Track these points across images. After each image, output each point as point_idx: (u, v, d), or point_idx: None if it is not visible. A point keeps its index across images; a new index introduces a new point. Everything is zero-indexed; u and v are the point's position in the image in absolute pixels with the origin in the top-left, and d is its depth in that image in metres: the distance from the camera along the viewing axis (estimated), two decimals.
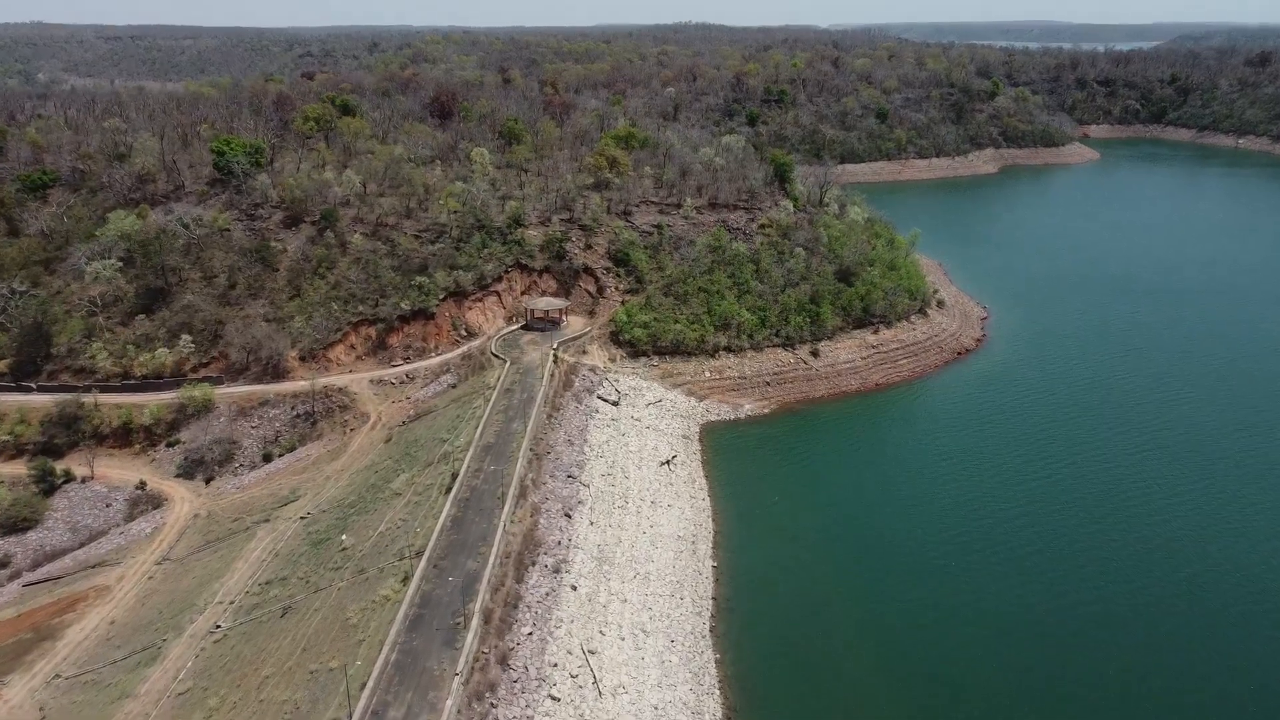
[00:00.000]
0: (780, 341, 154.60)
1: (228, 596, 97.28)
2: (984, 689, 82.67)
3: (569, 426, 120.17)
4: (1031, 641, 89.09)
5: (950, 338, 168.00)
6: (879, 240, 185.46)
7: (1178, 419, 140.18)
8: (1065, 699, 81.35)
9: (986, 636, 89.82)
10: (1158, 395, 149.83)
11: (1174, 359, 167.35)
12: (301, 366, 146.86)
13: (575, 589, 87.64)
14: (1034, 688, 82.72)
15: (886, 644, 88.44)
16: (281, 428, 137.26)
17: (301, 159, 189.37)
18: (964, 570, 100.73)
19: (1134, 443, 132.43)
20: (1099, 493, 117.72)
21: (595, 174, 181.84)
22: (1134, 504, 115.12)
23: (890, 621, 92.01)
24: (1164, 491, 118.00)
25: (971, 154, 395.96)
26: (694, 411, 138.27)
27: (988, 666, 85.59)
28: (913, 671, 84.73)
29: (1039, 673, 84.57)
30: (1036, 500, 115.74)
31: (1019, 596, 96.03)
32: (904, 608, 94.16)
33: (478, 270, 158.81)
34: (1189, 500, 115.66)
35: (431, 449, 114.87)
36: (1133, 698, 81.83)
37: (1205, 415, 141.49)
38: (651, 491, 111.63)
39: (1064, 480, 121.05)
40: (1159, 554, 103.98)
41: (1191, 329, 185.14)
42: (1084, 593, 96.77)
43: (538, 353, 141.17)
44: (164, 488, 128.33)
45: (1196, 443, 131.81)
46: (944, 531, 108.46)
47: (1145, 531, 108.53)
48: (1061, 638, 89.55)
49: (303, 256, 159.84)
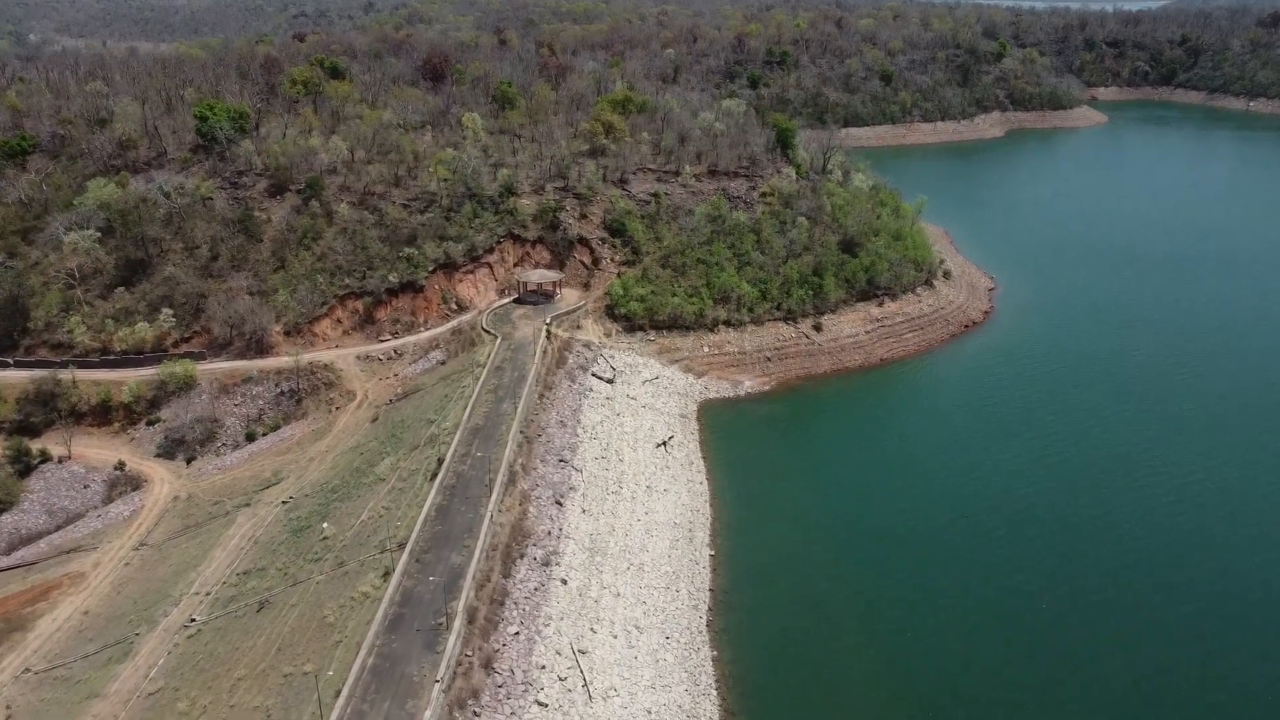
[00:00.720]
0: (781, 315, 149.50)
1: (204, 587, 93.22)
2: (994, 687, 78.75)
3: (562, 407, 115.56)
4: (1042, 631, 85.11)
5: (957, 310, 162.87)
6: (884, 209, 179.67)
7: (1193, 396, 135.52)
8: (1077, 696, 77.44)
9: (996, 628, 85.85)
10: (1171, 370, 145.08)
11: (1187, 331, 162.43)
12: (286, 341, 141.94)
13: (565, 583, 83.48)
14: (1044, 681, 78.81)
15: (892, 639, 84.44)
16: (265, 406, 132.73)
17: (288, 125, 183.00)
18: (972, 557, 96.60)
19: (1147, 420, 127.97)
20: (1111, 474, 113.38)
21: (591, 140, 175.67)
22: (1148, 486, 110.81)
23: (895, 614, 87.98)
24: (1179, 473, 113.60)
25: (977, 117, 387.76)
26: (692, 389, 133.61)
27: (997, 662, 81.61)
28: (919, 667, 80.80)
29: (1050, 666, 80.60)
30: (1046, 481, 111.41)
31: (1028, 583, 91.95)
32: (910, 599, 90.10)
33: (468, 241, 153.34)
34: (1205, 483, 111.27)
35: (418, 431, 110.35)
36: (1146, 692, 77.90)
37: (1221, 392, 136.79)
38: (647, 475, 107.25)
39: (1075, 460, 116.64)
40: (1175, 539, 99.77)
41: (1204, 299, 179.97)
42: (1096, 580, 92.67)
43: (530, 328, 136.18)
44: (143, 468, 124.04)
45: (1212, 421, 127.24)
46: (951, 515, 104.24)
47: (1160, 515, 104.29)
48: (1073, 628, 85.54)
49: (287, 227, 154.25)
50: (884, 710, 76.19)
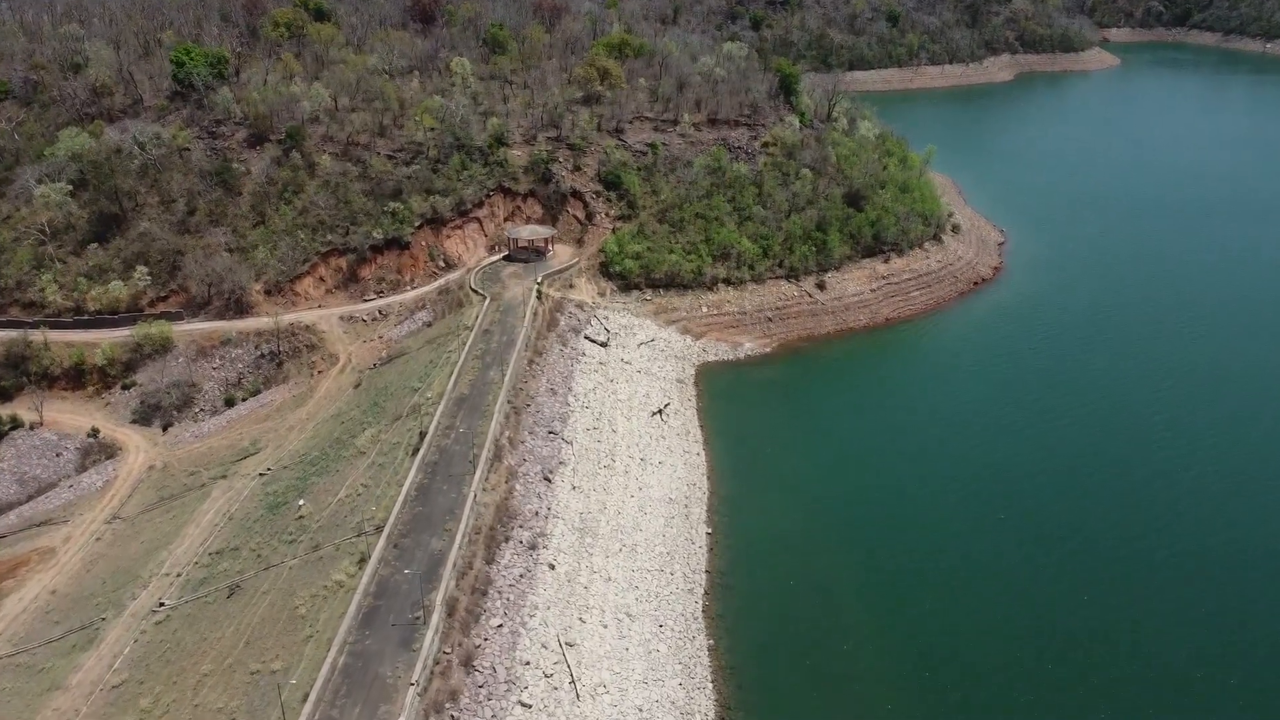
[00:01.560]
0: (784, 273, 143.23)
1: (175, 567, 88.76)
2: (1008, 676, 74.38)
3: (552, 373, 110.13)
4: (1058, 615, 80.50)
5: (966, 267, 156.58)
6: (891, 159, 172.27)
7: (1211, 355, 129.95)
8: (1098, 688, 73.17)
9: (1009, 611, 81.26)
10: (1188, 328, 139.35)
11: (1203, 286, 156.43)
12: (267, 301, 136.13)
13: (553, 568, 78.81)
14: (1060, 672, 74.49)
15: (899, 625, 79.92)
16: (245, 369, 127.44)
17: (268, 70, 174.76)
18: (983, 533, 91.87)
19: (1163, 382, 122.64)
20: (1130, 443, 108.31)
21: (585, 87, 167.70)
22: (1165, 452, 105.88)
23: (903, 596, 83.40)
24: (1202, 442, 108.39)
25: (987, 60, 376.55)
26: (689, 352, 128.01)
27: (1010, 649, 77.16)
28: (927, 654, 76.32)
29: (1065, 653, 76.23)
30: (1060, 451, 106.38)
31: (1042, 560, 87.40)
32: (918, 579, 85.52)
33: (456, 195, 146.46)
34: (1231, 452, 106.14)
35: (401, 399, 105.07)
36: (1167, 677, 73.61)
37: (1240, 350, 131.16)
38: (641, 447, 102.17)
39: (1090, 428, 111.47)
40: (1199, 514, 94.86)
41: (1220, 252, 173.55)
42: (1114, 560, 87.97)
43: (520, 287, 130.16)
44: (118, 435, 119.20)
45: (1234, 383, 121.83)
46: (961, 488, 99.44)
47: (1183, 488, 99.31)
48: (1090, 610, 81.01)
49: (267, 179, 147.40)
50: (891, 704, 71.88)
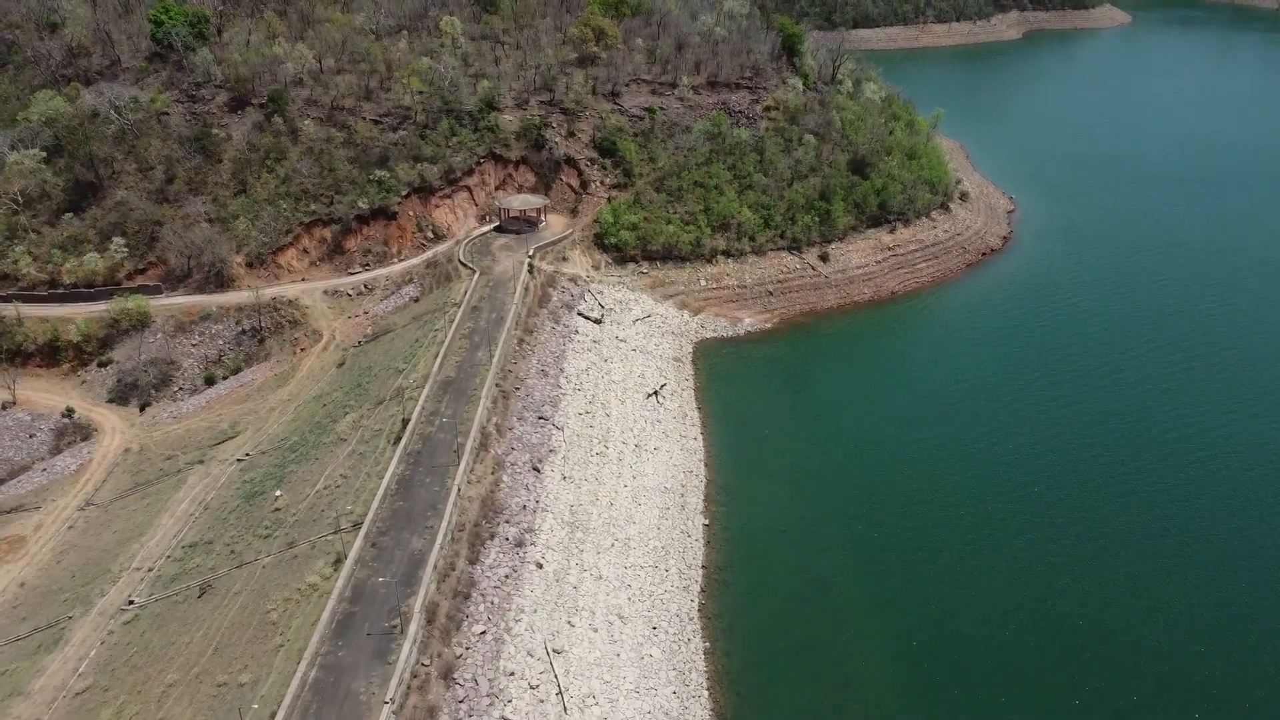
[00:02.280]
0: (785, 244, 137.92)
1: (147, 560, 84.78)
2: (1018, 683, 70.66)
3: (543, 353, 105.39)
4: (1068, 614, 76.73)
5: (975, 236, 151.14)
6: (897, 123, 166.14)
7: (1229, 332, 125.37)
8: (1102, 690, 69.44)
9: (1019, 610, 77.42)
10: (1204, 302, 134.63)
11: (1218, 257, 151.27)
12: (248, 274, 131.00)
13: (541, 566, 74.72)
14: (1065, 666, 70.72)
15: (905, 625, 76.09)
16: (225, 345, 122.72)
17: (251, 30, 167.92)
18: (992, 524, 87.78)
19: (1179, 362, 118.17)
20: (1142, 426, 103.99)
21: (580, 47, 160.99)
22: (1180, 438, 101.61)
23: (909, 592, 79.55)
24: (1217, 427, 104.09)
25: (995, 17, 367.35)
26: (687, 328, 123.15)
27: (1021, 653, 73.39)
28: (934, 655, 72.64)
29: (1070, 648, 72.43)
30: (1072, 435, 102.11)
31: (1053, 555, 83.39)
32: (921, 573, 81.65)
33: (445, 162, 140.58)
34: (1249, 440, 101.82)
35: (385, 381, 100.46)
36: (1177, 685, 69.91)
37: (1263, 327, 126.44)
38: (636, 432, 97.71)
39: (1101, 411, 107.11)
40: (1210, 502, 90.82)
41: (1235, 222, 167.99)
42: (1124, 554, 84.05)
43: (511, 260, 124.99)
44: (94, 415, 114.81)
45: (1252, 363, 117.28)
46: (968, 473, 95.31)
47: (1195, 477, 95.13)
48: (1103, 615, 77.15)
49: (248, 146, 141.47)
50: (896, 712, 68.21)
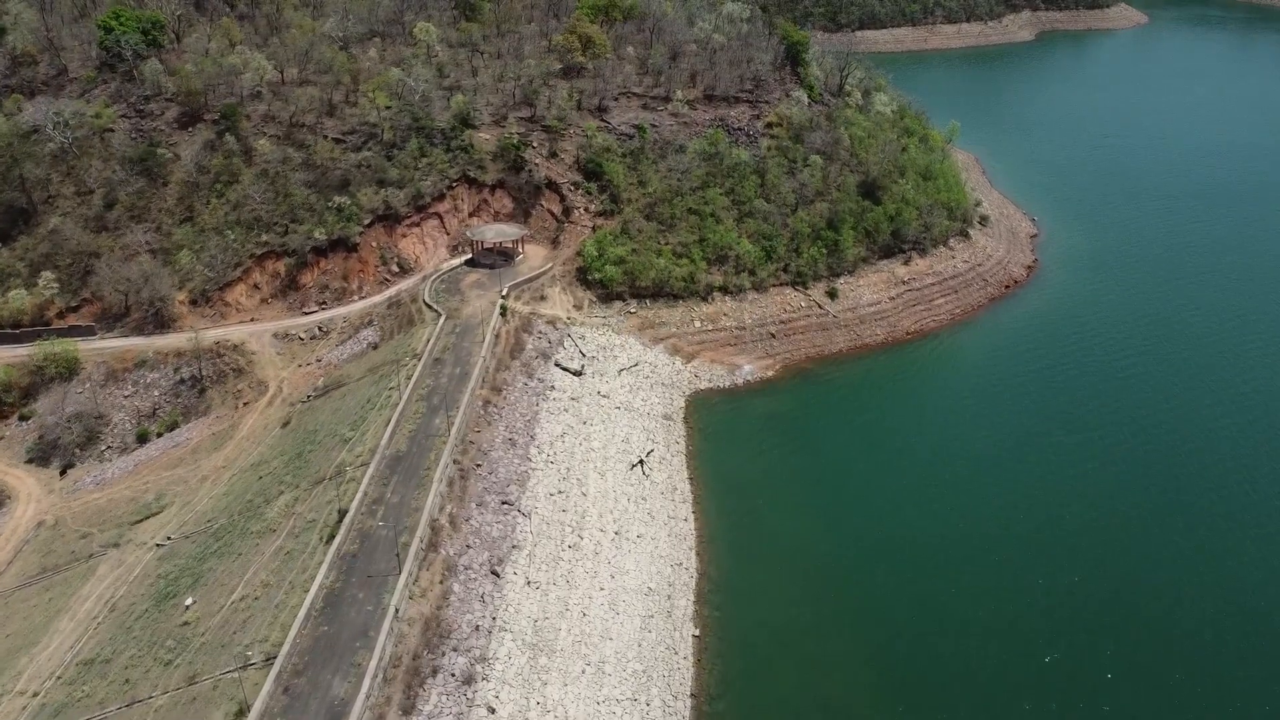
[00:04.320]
0: (789, 279, 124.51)
1: (35, 679, 71.80)
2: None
3: (512, 416, 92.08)
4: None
5: (997, 267, 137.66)
6: (911, 139, 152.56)
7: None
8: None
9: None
10: (1247, 340, 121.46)
11: (1259, 284, 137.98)
12: (192, 313, 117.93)
13: (494, 711, 61.52)
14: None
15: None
16: (162, 397, 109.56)
17: (210, 36, 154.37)
18: (1026, 618, 75.00)
19: (1224, 411, 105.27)
20: (1186, 482, 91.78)
21: (565, 57, 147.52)
22: (1229, 499, 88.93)
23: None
24: (1267, 486, 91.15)
25: (1006, 17, 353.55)
26: (679, 378, 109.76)
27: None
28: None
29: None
30: (1113, 500, 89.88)
31: (1098, 660, 70.36)
32: (951, 688, 68.60)
33: (414, 186, 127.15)
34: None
35: (328, 451, 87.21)
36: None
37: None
38: (616, 514, 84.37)
39: (1145, 468, 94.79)
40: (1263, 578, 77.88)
41: (1276, 241, 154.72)
42: (1168, 637, 71.31)
43: (482, 301, 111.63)
44: (9, 478, 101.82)
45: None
46: (1000, 553, 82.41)
47: (1243, 545, 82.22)
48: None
49: (197, 167, 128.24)
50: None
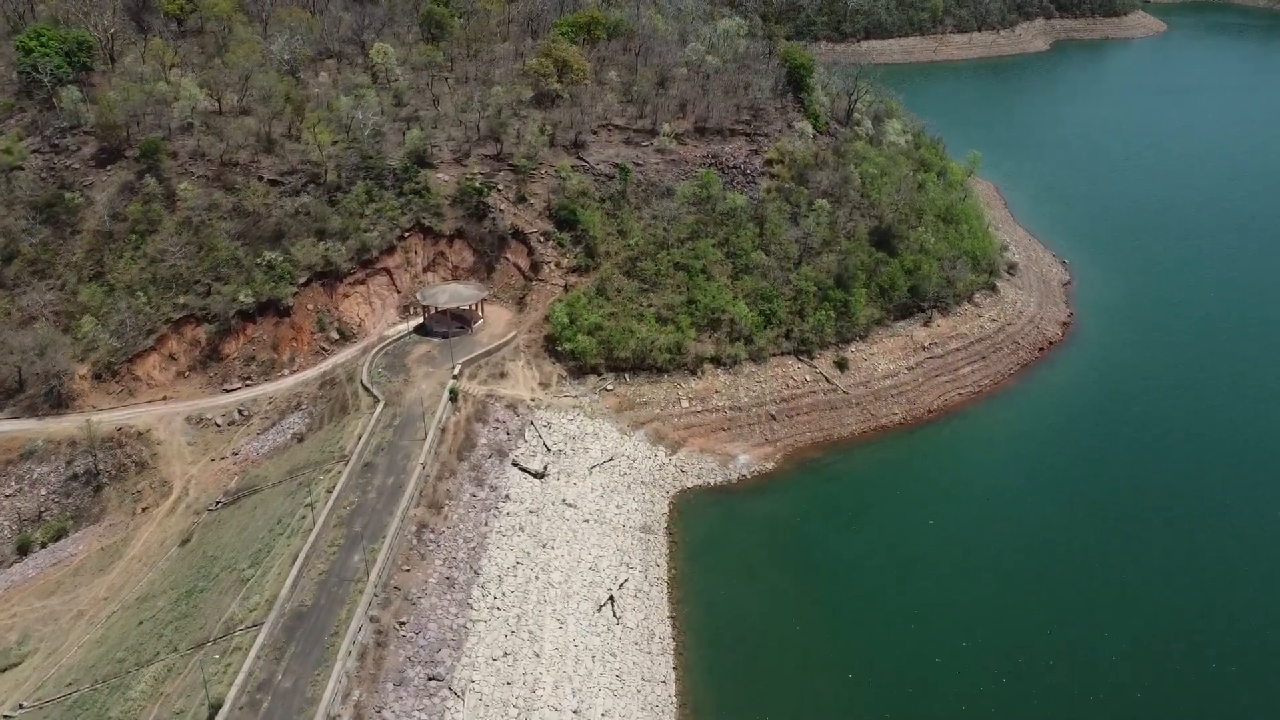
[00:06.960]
0: (792, 347, 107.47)
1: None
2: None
3: (453, 545, 75.06)
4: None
5: (1029, 325, 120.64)
6: (929, 174, 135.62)
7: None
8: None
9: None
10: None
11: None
12: (96, 389, 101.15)
13: None
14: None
15: None
16: (49, 497, 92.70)
17: (144, 57, 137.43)
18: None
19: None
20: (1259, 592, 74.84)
21: (538, 84, 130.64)
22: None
23: None
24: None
25: (1019, 26, 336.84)
26: (662, 474, 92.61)
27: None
28: None
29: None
30: (1181, 621, 72.67)
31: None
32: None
33: (359, 238, 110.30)
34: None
35: (221, 595, 70.31)
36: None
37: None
38: (577, 682, 67.21)
39: (1210, 577, 78.03)
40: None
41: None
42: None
43: (430, 382, 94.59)
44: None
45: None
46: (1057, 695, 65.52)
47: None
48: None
49: (112, 214, 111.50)
50: None
